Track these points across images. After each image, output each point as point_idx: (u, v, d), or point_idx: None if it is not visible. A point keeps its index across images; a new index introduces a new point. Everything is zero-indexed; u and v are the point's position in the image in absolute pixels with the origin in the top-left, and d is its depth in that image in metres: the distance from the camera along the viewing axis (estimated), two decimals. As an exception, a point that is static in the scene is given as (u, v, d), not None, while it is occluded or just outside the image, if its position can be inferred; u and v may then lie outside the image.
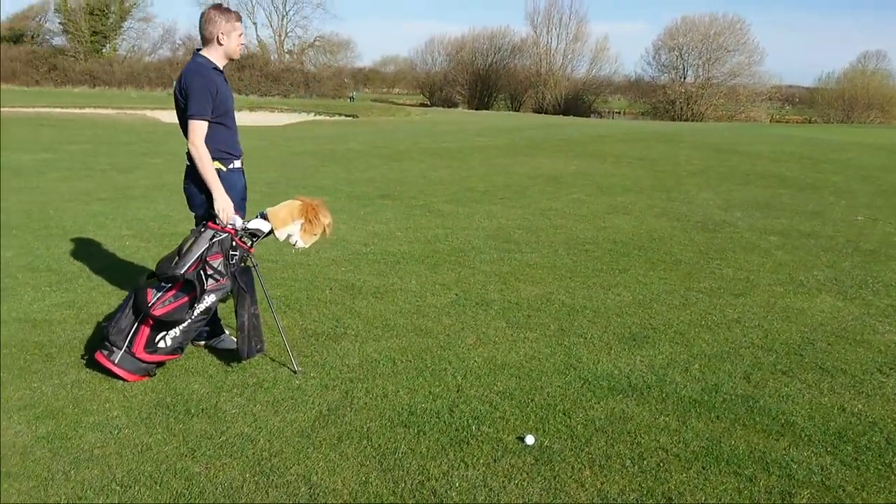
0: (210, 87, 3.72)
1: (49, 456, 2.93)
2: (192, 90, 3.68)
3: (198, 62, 3.78)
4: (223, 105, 3.81)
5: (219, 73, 3.84)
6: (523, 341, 4.39)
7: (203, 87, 3.69)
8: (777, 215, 9.08)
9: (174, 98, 3.82)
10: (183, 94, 3.72)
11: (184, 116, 3.74)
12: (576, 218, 8.50)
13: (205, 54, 3.81)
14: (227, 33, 3.76)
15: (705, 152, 16.34)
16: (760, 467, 2.99)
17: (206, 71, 3.76)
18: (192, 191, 3.88)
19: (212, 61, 3.81)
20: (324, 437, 3.15)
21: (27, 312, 4.64)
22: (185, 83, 3.71)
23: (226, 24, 3.74)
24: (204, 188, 3.79)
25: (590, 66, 63.19)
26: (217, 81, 3.78)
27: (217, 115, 3.77)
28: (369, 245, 6.82)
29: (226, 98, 3.84)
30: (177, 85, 3.79)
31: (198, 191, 3.84)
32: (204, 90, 3.69)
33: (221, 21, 3.73)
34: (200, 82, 3.70)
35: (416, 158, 14.55)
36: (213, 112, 3.74)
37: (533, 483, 2.84)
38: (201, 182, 3.77)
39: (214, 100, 3.74)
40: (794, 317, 5.02)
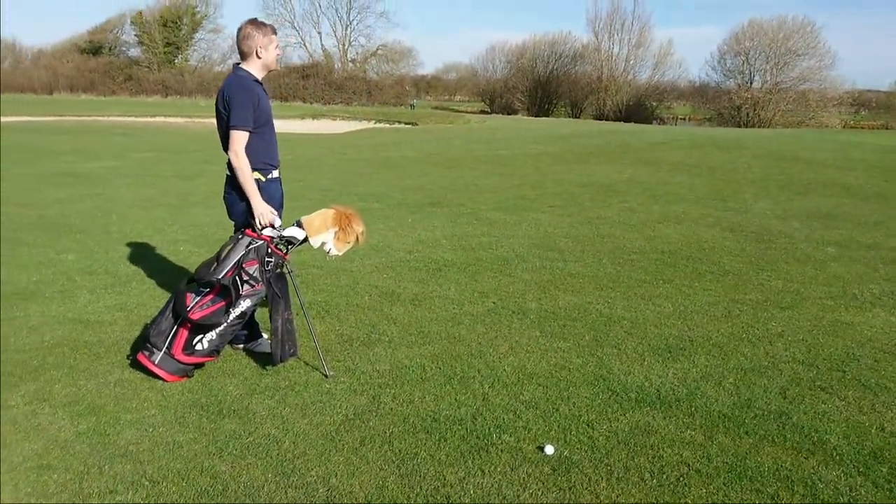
0: (252, 99, 3.86)
1: (87, 451, 3.09)
2: (234, 102, 3.82)
3: (239, 75, 3.93)
4: (263, 116, 3.95)
5: (259, 84, 3.98)
6: (555, 351, 4.39)
7: (245, 99, 3.84)
8: (837, 226, 8.78)
9: (216, 110, 3.98)
10: (225, 107, 3.87)
11: (225, 128, 3.89)
12: (624, 227, 8.40)
13: (245, 67, 3.95)
14: (265, 46, 3.90)
15: (767, 160, 15.88)
16: (784, 486, 2.92)
17: (247, 83, 3.90)
18: (232, 199, 4.02)
19: (252, 74, 3.96)
20: (347, 441, 3.22)
21: (81, 314, 4.89)
22: (228, 95, 3.86)
23: (262, 38, 3.88)
24: (244, 197, 3.93)
25: (652, 71, 62.23)
26: (258, 93, 3.92)
27: (257, 126, 3.90)
28: (413, 252, 6.91)
29: (266, 109, 3.98)
30: (219, 97, 3.94)
31: (238, 199, 3.98)
32: (246, 102, 3.84)
33: (258, 35, 3.87)
34: (242, 95, 3.84)
35: (469, 166, 14.61)
36: (254, 123, 3.89)
37: (547, 493, 2.85)
38: (241, 191, 3.91)
39: (256, 111, 3.88)
40: (841, 331, 4.86)
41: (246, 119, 3.84)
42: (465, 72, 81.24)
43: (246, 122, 3.84)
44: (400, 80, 66.31)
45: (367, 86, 63.11)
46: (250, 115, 3.85)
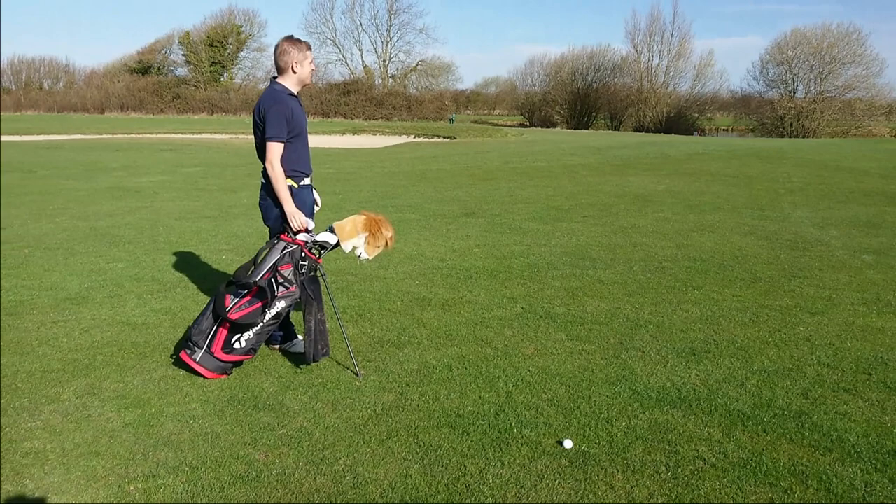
0: (285, 112, 4.09)
1: (133, 440, 3.31)
2: (268, 115, 4.06)
3: (275, 89, 4.16)
4: (296, 128, 4.17)
5: (294, 98, 4.20)
6: (580, 353, 4.49)
7: (279, 112, 4.06)
8: (877, 234, 8.68)
9: (253, 121, 4.22)
10: (260, 118, 4.11)
11: (261, 138, 4.12)
12: (658, 236, 8.44)
13: (280, 82, 4.19)
14: (300, 62, 4.13)
15: (808, 169, 15.69)
16: (799, 480, 2.98)
17: (282, 97, 4.13)
18: (267, 205, 4.25)
19: (287, 88, 4.19)
20: (374, 434, 3.38)
21: (129, 317, 5.16)
22: (263, 108, 4.10)
23: (298, 53, 4.11)
24: (278, 203, 4.15)
25: (693, 82, 61.72)
26: (292, 106, 4.14)
27: (290, 137, 4.13)
28: (446, 260, 7.07)
29: (299, 121, 4.20)
30: (256, 109, 4.18)
31: (272, 205, 4.20)
32: (280, 115, 4.06)
33: (294, 52, 4.10)
34: (277, 108, 4.07)
35: (505, 178, 14.76)
36: (288, 134, 4.11)
37: (563, 483, 2.96)
38: (276, 198, 4.13)
39: (289, 123, 4.10)
40: (870, 336, 4.86)
41: (280, 131, 4.07)
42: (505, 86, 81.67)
43: (280, 135, 4.07)
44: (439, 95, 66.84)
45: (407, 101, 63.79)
46: (284, 127, 4.08)
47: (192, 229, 8.79)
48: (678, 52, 60.76)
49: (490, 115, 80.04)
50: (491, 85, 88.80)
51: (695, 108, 60.93)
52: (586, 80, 63.82)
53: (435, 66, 68.35)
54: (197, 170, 17.00)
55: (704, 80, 61.85)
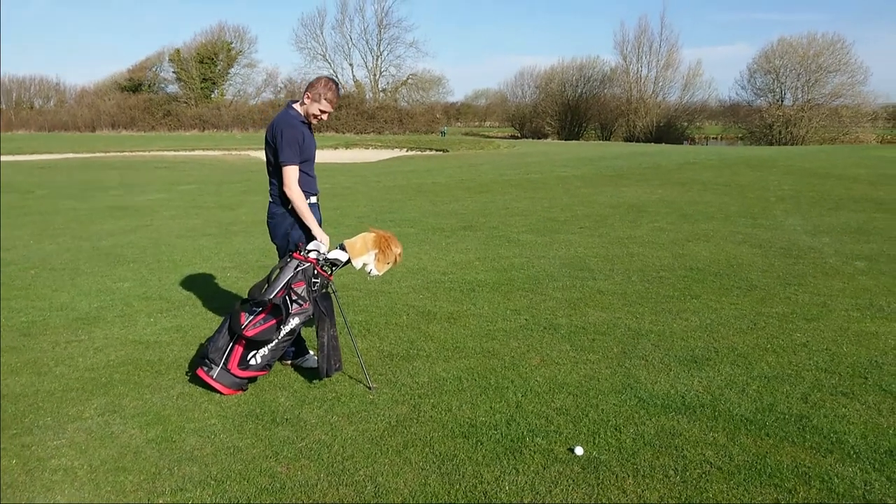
0: (297, 137, 4.25)
1: (157, 455, 3.41)
2: (282, 139, 4.22)
3: (289, 114, 4.33)
4: (306, 153, 4.33)
5: (305, 124, 4.35)
6: (585, 363, 4.62)
7: (292, 136, 4.23)
8: (868, 240, 8.86)
9: (265, 141, 4.37)
10: (273, 141, 4.25)
11: (275, 159, 4.26)
12: (654, 246, 8.59)
13: (296, 107, 4.35)
14: (313, 100, 4.30)
15: (798, 177, 15.93)
16: (802, 481, 3.11)
17: (295, 122, 4.29)
18: (274, 223, 4.43)
19: (300, 114, 4.34)
20: (391, 445, 3.49)
21: (141, 336, 5.25)
22: (276, 131, 4.24)
23: (315, 93, 4.28)
24: (283, 223, 4.30)
25: (682, 92, 62.35)
26: (303, 132, 4.30)
27: (300, 161, 4.27)
28: (447, 274, 7.19)
29: (309, 147, 4.36)
30: (269, 130, 4.33)
31: (280, 223, 4.36)
32: (292, 139, 4.23)
33: (317, 89, 4.28)
34: (290, 132, 4.23)
35: (500, 190, 14.92)
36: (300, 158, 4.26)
37: (577, 488, 3.07)
38: (283, 216, 4.29)
39: (301, 147, 4.25)
40: (865, 341, 5.00)
41: (293, 155, 4.23)
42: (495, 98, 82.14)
43: (293, 158, 4.23)
44: (430, 108, 67.24)
45: (399, 114, 64.15)
46: (297, 151, 4.24)
47: (194, 247, 8.89)
48: (666, 62, 61.46)
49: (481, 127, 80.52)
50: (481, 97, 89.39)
51: (684, 117, 61.49)
52: (576, 91, 64.38)
53: (425, 79, 68.85)
54: (193, 187, 17.10)
55: (693, 90, 62.55)
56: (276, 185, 4.36)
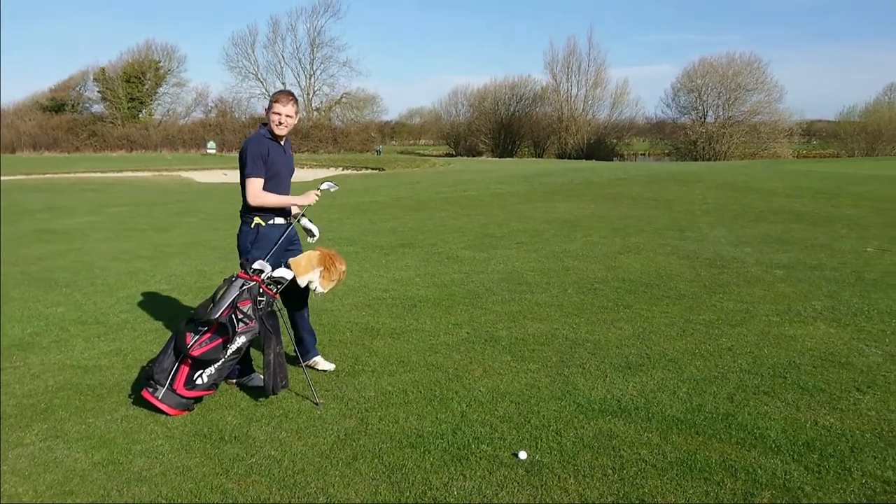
0: (262, 152, 4.45)
1: (104, 478, 3.39)
2: (246, 155, 4.45)
3: (258, 133, 4.56)
4: (272, 169, 4.51)
5: (273, 142, 4.52)
6: (525, 372, 4.79)
7: (255, 152, 4.45)
8: (786, 249, 9.37)
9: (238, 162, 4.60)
10: (241, 159, 4.49)
11: (242, 177, 4.48)
12: (588, 259, 8.89)
13: (265, 126, 4.57)
14: (267, 111, 4.52)
15: (721, 191, 16.67)
16: (729, 474, 3.34)
17: (260, 139, 4.50)
18: (239, 239, 4.62)
19: (268, 132, 4.53)
20: (340, 458, 3.57)
21: (79, 360, 5.17)
22: (243, 149, 4.49)
23: (269, 103, 4.51)
24: (245, 239, 4.55)
25: (611, 110, 64.25)
26: (269, 147, 4.49)
27: (267, 178, 4.47)
28: (389, 290, 7.29)
29: (275, 163, 4.53)
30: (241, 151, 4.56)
31: (244, 239, 4.57)
32: (256, 155, 4.44)
33: (270, 102, 4.51)
34: (253, 149, 4.45)
35: (437, 208, 15.11)
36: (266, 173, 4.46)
37: (522, 490, 3.22)
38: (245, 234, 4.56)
39: (266, 162, 4.45)
40: (784, 343, 5.33)
41: (256, 169, 4.44)
42: (429, 116, 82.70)
43: (257, 172, 4.44)
44: (365, 127, 67.25)
45: (333, 133, 63.89)
46: (260, 165, 4.44)
47: (129, 270, 8.73)
48: (595, 81, 63.30)
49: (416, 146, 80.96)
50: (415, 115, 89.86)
51: (613, 134, 63.37)
52: (509, 109, 65.53)
53: (359, 98, 68.84)
54: (125, 209, 16.71)
55: (621, 108, 64.58)
56: (243, 202, 4.56)
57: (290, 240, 4.69)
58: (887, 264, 8.32)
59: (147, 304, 6.91)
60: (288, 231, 4.63)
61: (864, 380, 4.54)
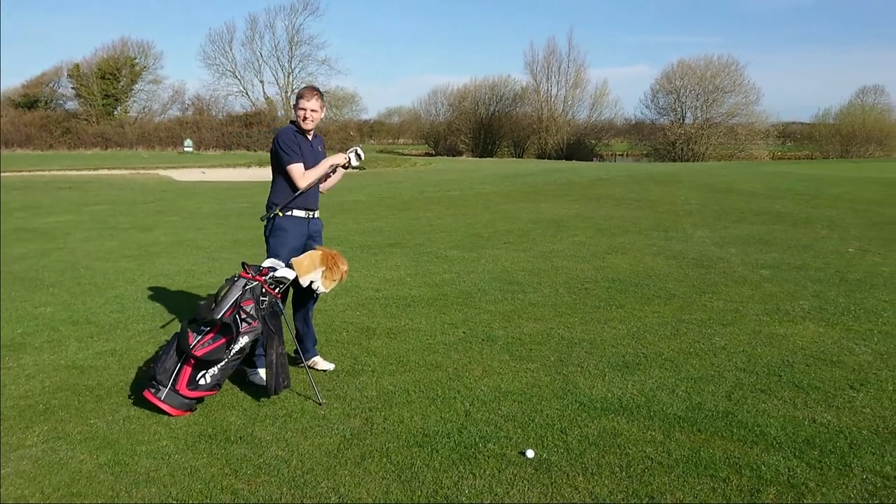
0: (294, 139, 4.67)
1: (112, 479, 3.37)
2: (280, 145, 4.64)
3: (288, 126, 4.76)
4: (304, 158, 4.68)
5: (301, 135, 4.69)
6: (525, 371, 4.82)
7: (288, 139, 4.65)
8: (770, 250, 9.52)
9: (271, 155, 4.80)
10: (274, 150, 4.67)
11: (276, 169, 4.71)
12: (576, 259, 8.96)
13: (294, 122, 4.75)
14: (294, 108, 4.70)
15: (702, 192, 16.86)
16: (734, 470, 3.40)
17: (288, 131, 4.70)
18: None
19: (297, 127, 4.73)
20: (349, 457, 3.57)
21: (74, 361, 5.11)
22: (274, 141, 4.68)
23: (296, 99, 4.68)
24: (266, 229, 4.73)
25: (590, 110, 64.63)
26: (299, 141, 4.65)
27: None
28: (381, 290, 7.29)
29: (303, 155, 4.67)
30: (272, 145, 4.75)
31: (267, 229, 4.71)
32: (289, 142, 4.65)
33: (296, 98, 4.68)
34: (284, 136, 4.66)
35: (422, 207, 15.11)
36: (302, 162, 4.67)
37: (533, 488, 3.25)
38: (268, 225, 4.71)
39: (301, 150, 4.63)
40: (776, 342, 5.43)
41: (294, 154, 4.64)
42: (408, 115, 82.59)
43: (297, 158, 4.64)
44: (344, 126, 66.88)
45: (312, 132, 63.46)
46: (296, 150, 4.65)
47: (116, 270, 8.63)
48: (575, 81, 63.60)
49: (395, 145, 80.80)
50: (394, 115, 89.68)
51: (593, 134, 63.75)
52: (489, 109, 65.63)
53: (339, 96, 68.39)
54: (104, 208, 16.48)
55: (601, 109, 64.94)
56: (269, 195, 4.77)
57: (311, 235, 4.84)
58: (869, 264, 8.48)
59: (138, 304, 6.84)
60: (310, 225, 4.82)
61: (856, 378, 4.64)
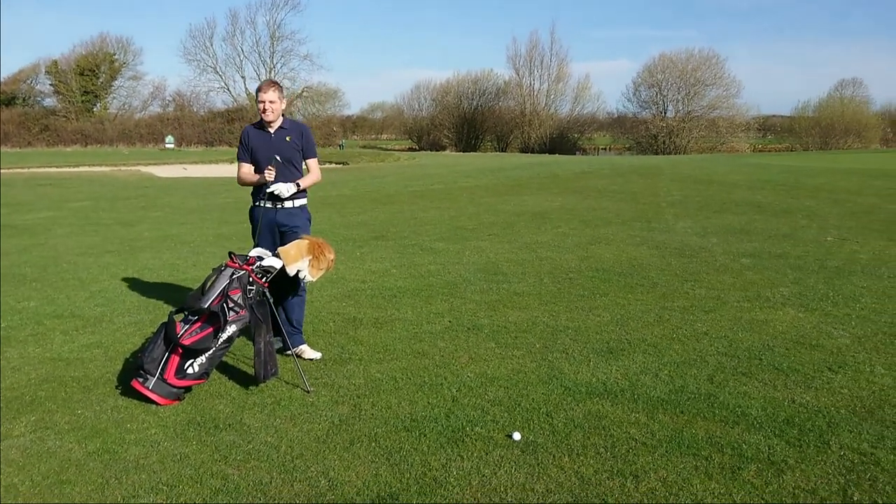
0: (242, 138, 4.97)
1: (101, 467, 3.38)
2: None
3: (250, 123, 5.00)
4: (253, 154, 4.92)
5: (256, 129, 4.93)
6: (511, 358, 4.88)
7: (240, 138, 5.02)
8: (750, 239, 9.64)
9: None
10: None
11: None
12: (560, 250, 9.03)
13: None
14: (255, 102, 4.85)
15: (684, 184, 17.01)
16: (716, 449, 3.47)
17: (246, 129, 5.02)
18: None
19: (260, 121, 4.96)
20: (338, 442, 3.61)
21: (59, 353, 5.10)
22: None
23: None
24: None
25: (573, 104, 64.80)
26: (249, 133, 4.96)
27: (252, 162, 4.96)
28: (366, 282, 7.32)
29: (255, 148, 4.89)
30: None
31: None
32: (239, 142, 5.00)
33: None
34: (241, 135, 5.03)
35: (407, 201, 15.14)
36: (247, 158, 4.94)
37: (520, 469, 3.31)
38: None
39: (245, 148, 4.94)
40: (757, 328, 5.52)
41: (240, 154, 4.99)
42: (391, 110, 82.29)
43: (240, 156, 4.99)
44: (327, 121, 66.61)
45: (295, 128, 63.10)
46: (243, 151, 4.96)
47: (99, 265, 8.59)
48: (557, 75, 63.72)
49: (378, 140, 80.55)
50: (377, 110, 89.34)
51: (576, 128, 63.95)
52: (472, 103, 65.63)
53: (321, 92, 68.10)
54: (85, 204, 16.35)
55: (583, 102, 65.11)
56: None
57: (281, 224, 4.94)
58: (847, 252, 8.62)
59: (122, 298, 6.82)
60: (276, 215, 4.91)
61: (834, 360, 4.73)
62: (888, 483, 3.16)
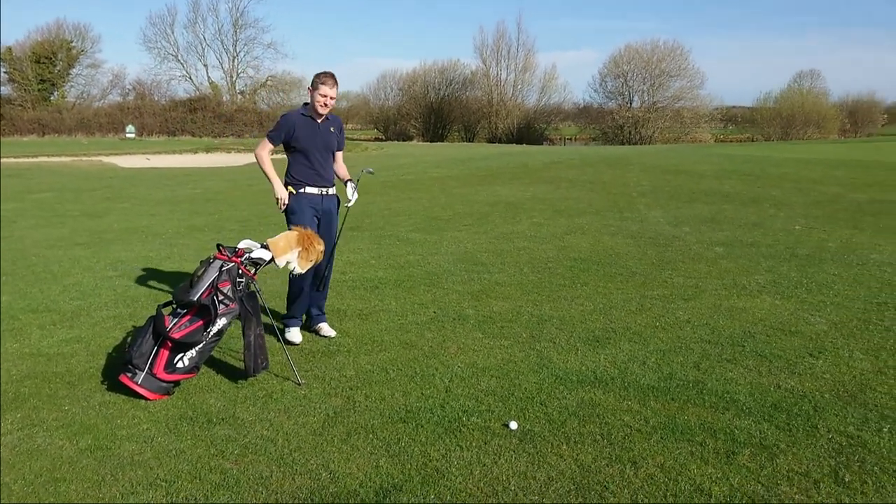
0: (284, 124, 5.06)
1: (95, 463, 3.32)
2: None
3: (295, 108, 5.22)
4: (298, 143, 5.02)
5: (305, 118, 5.06)
6: (499, 348, 4.91)
7: (280, 121, 5.12)
8: (722, 228, 9.81)
9: None
10: None
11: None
12: (537, 240, 9.08)
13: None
14: (309, 94, 5.09)
15: (653, 174, 17.20)
16: (709, 434, 3.54)
17: (291, 114, 5.16)
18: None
19: (306, 110, 5.11)
20: (334, 435, 3.60)
21: (39, 348, 4.99)
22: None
23: (312, 86, 5.03)
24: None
25: (540, 94, 64.92)
26: (294, 122, 5.04)
27: (292, 150, 5.06)
28: (347, 273, 7.28)
29: (300, 138, 5.02)
30: None
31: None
32: (278, 124, 5.11)
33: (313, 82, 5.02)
34: (281, 119, 5.14)
35: (378, 191, 15.06)
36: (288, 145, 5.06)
37: (520, 458, 3.34)
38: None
39: (286, 134, 5.03)
40: (737, 315, 5.63)
41: (272, 133, 5.16)
42: (357, 100, 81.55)
43: (270, 134, 5.18)
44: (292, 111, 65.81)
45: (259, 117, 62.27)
46: (277, 132, 5.09)
47: (70, 257, 8.40)
48: (524, 65, 63.76)
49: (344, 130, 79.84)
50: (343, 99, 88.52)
51: (542, 118, 64.14)
52: (439, 93, 65.39)
53: (285, 80, 67.21)
54: (49, 195, 15.96)
55: (550, 93, 65.25)
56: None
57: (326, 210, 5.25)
58: (816, 241, 8.82)
59: (98, 291, 6.68)
60: (322, 201, 5.15)
61: (814, 346, 4.86)
62: (875, 464, 3.26)
